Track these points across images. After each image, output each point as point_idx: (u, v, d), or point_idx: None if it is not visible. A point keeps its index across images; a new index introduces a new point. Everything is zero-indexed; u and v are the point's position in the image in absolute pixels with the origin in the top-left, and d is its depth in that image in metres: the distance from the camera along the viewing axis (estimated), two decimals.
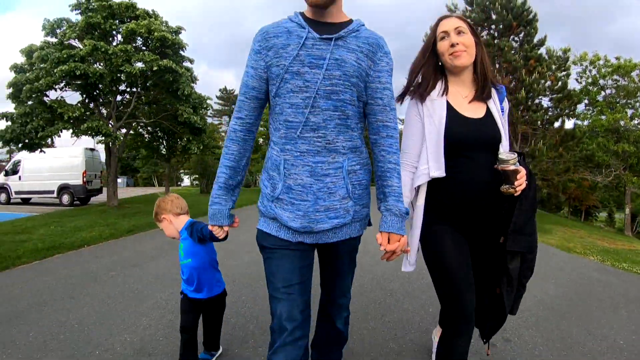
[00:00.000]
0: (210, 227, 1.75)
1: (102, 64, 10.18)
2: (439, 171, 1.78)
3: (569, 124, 13.71)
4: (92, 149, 18.55)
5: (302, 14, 1.62)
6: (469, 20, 1.92)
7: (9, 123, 10.59)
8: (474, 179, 1.80)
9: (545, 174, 13.37)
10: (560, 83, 12.90)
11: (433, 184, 1.86)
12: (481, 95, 1.85)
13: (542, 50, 14.46)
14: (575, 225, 21.69)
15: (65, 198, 17.52)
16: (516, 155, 1.72)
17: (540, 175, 12.80)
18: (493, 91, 1.90)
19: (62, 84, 10.61)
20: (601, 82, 21.32)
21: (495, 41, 13.28)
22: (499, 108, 1.89)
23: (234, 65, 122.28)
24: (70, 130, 9.84)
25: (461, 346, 1.84)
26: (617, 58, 21.60)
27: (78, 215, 10.06)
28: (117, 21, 11.30)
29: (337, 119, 1.54)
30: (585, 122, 19.95)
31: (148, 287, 4.02)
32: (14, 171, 18.25)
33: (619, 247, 12.14)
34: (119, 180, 32.27)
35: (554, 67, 13.67)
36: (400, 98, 1.94)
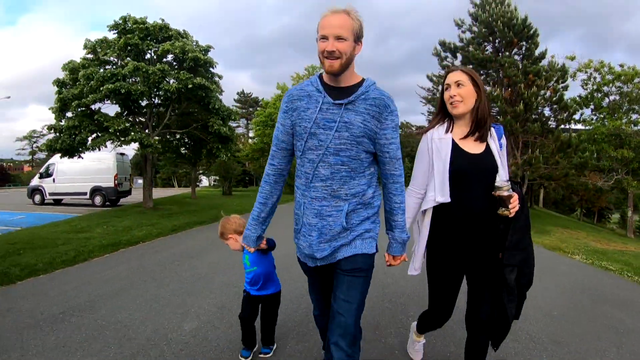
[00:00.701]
0: (243, 244, 2.25)
1: (141, 81, 11.38)
2: (444, 197, 2.11)
3: (569, 133, 14.46)
4: (122, 154, 19.54)
5: (320, 77, 1.94)
6: (472, 72, 2.16)
7: (56, 134, 11.91)
8: (473, 204, 2.11)
9: (547, 178, 14.25)
10: (557, 95, 13.83)
11: (440, 207, 2.17)
12: (474, 136, 2.15)
13: (545, 62, 15.39)
14: (580, 226, 22.31)
15: (98, 199, 18.60)
16: (509, 183, 2.05)
17: (539, 181, 13.74)
18: (492, 129, 2.21)
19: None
20: (605, 88, 22.00)
21: (500, 55, 14.28)
22: (497, 144, 2.18)
23: (250, 66, 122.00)
24: (115, 141, 11.14)
25: (433, 323, 2.50)
26: (621, 65, 22.30)
27: (122, 216, 11.33)
28: (153, 41, 12.58)
29: (343, 172, 1.88)
30: (589, 128, 20.66)
31: (210, 272, 5.19)
32: (48, 174, 19.32)
33: (610, 248, 12.96)
34: (139, 180, 33.55)
35: (554, 78, 14.59)
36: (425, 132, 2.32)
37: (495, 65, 13.37)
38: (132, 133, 10.90)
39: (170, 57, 12.91)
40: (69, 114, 11.91)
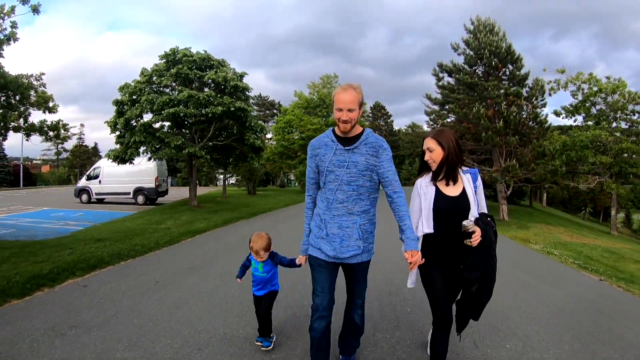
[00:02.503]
0: (301, 259, 2.98)
1: (192, 105, 14.09)
2: (429, 229, 2.69)
3: (543, 143, 16.91)
4: (160, 159, 22.46)
5: (333, 131, 2.73)
6: (438, 136, 2.75)
7: (121, 146, 14.71)
8: (450, 235, 2.67)
9: (526, 182, 16.68)
10: (534, 112, 16.33)
11: (427, 236, 2.73)
12: (448, 178, 2.74)
13: (530, 81, 17.77)
14: (567, 224, 24.40)
15: (140, 198, 21.05)
16: (472, 222, 2.60)
17: (520, 184, 16.26)
18: (468, 174, 2.79)
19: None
20: (592, 99, 24.13)
21: (489, 76, 16.78)
22: (472, 186, 2.75)
23: (264, 65, 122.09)
24: (175, 153, 13.98)
25: (442, 337, 2.76)
26: (608, 77, 24.44)
27: (178, 212, 14.11)
28: (198, 70, 15.29)
29: (355, 196, 2.63)
30: (575, 135, 22.83)
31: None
32: (95, 176, 21.85)
33: (577, 241, 15.10)
34: (169, 181, 36.11)
35: (538, 96, 17.04)
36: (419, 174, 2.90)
37: (481, 88, 15.92)
38: (187, 147, 13.68)
39: (210, 81, 15.65)
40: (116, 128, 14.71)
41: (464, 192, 2.73)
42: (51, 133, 9.07)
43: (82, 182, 22.48)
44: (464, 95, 16.75)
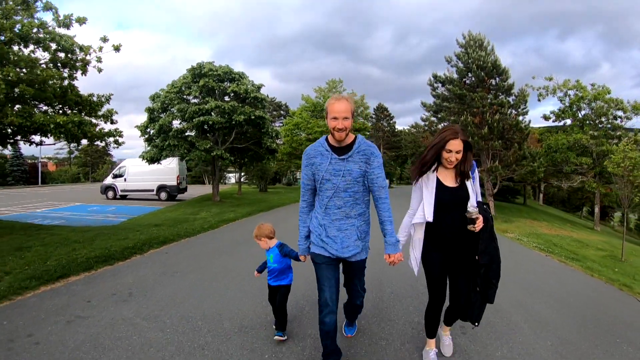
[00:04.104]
0: (302, 257, 3.15)
1: (218, 114, 16.27)
2: (430, 217, 2.87)
3: (524, 147, 19.05)
4: (181, 159, 24.56)
5: (327, 140, 2.88)
6: (465, 139, 2.85)
7: (155, 148, 16.91)
8: (451, 223, 2.88)
9: (509, 180, 18.83)
10: (516, 120, 18.52)
11: (429, 225, 2.93)
12: (459, 176, 2.94)
13: (517, 89, 19.85)
14: (551, 219, 25.93)
15: (163, 195, 22.77)
16: (477, 208, 2.81)
17: (505, 182, 18.41)
18: None
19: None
20: (576, 104, 26.12)
21: (478, 87, 18.92)
22: (470, 178, 2.94)
23: (270, 64, 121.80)
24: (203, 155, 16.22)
25: (435, 312, 3.09)
26: (592, 85, 26.44)
27: (206, 206, 16.28)
28: (220, 82, 17.47)
29: (351, 201, 2.83)
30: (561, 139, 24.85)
31: (280, 238, 9.69)
32: (120, 175, 23.67)
33: (554, 233, 16.88)
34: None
35: (520, 104, 19.17)
36: (416, 176, 3.02)
37: (469, 98, 18.08)
38: (215, 150, 15.89)
39: (229, 90, 17.85)
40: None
41: (462, 183, 2.94)
42: (111, 139, 11.10)
43: (109, 180, 24.09)
44: (454, 104, 18.89)
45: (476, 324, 3.03)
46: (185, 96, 17.43)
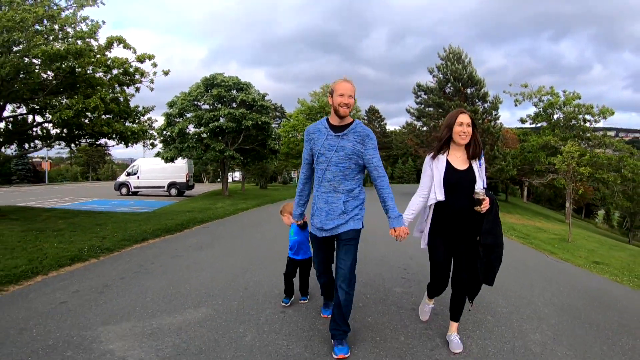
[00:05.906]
0: (297, 222, 3.54)
1: (228, 119, 18.71)
2: (441, 197, 2.96)
3: (497, 148, 21.69)
4: (198, 158, 26.45)
5: (327, 120, 3.06)
6: (472, 116, 3.02)
7: (174, 150, 19.28)
8: (459, 203, 2.95)
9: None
10: (488, 125, 21.22)
11: (438, 205, 3.03)
12: (471, 157, 3.01)
13: (491, 98, 22.47)
14: (525, 213, 28.11)
15: (173, 191, 24.67)
16: (484, 190, 2.88)
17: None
18: None
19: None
20: (548, 110, 28.76)
21: (455, 97, 21.57)
22: (477, 162, 3.05)
23: (265, 64, 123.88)
24: (217, 156, 18.65)
25: (437, 291, 3.27)
26: (564, 91, 29.10)
27: (219, 199, 18.62)
28: (230, 91, 19.91)
29: (341, 176, 2.96)
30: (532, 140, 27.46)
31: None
32: (134, 173, 25.36)
33: (518, 222, 19.19)
34: None
35: (493, 112, 21.85)
36: (435, 152, 3.09)
37: (446, 106, 20.76)
38: (227, 151, 18.36)
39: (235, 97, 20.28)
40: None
41: (470, 166, 3.01)
42: (149, 141, 13.35)
43: (122, 178, 25.76)
44: (434, 111, 21.49)
45: (471, 302, 3.18)
46: (197, 102, 19.83)
